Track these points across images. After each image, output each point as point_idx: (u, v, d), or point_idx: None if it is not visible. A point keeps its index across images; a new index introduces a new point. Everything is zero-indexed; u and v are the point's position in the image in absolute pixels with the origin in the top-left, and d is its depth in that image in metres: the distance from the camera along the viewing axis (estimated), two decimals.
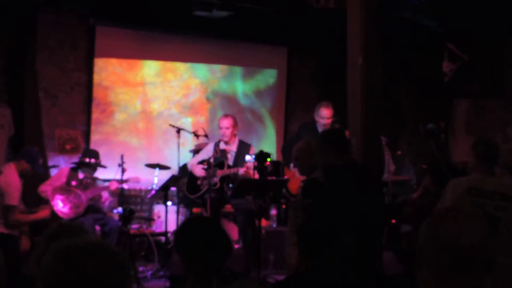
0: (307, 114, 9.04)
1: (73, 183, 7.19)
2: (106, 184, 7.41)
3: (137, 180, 7.47)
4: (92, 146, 8.74)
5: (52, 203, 6.90)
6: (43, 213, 6.56)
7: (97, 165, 7.37)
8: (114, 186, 7.23)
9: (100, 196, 7.31)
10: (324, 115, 7.04)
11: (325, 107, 7.08)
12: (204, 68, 9.85)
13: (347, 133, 6.95)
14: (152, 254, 7.53)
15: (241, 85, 10.10)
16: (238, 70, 10.10)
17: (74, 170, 7.36)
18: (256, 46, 10.05)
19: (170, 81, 9.61)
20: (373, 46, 5.04)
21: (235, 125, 7.27)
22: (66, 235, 2.73)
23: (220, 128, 7.23)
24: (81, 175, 7.33)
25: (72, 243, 1.72)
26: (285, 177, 7.00)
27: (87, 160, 7.30)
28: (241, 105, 10.04)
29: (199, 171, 7.12)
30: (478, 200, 3.97)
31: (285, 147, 7.60)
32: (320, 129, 7.14)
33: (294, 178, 6.81)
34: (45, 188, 7.08)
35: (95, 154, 7.39)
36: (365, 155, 4.82)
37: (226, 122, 7.20)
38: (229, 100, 9.97)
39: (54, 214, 6.80)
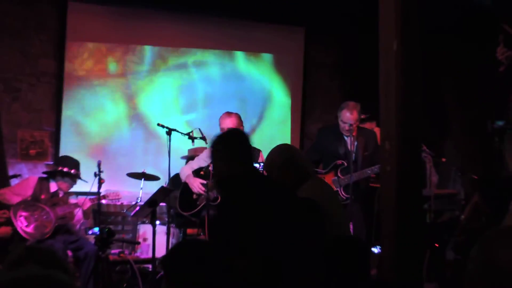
0: (329, 113, 9.07)
1: (42, 196, 7.20)
2: (79, 199, 7.41)
3: (117, 197, 7.48)
4: (63, 151, 8.77)
5: (14, 220, 6.91)
6: (1, 230, 6.59)
7: (78, 177, 7.38)
8: (87, 205, 7.24)
9: (72, 215, 7.31)
10: (346, 119, 7.05)
11: (348, 110, 7.07)
12: (202, 54, 9.88)
13: (377, 133, 6.97)
14: (136, 285, 7.54)
15: (247, 76, 10.12)
16: (244, 56, 10.13)
17: (44, 180, 7.38)
18: (266, 26, 10.06)
19: (159, 70, 9.65)
20: (411, 28, 5.04)
21: (240, 125, 7.27)
22: (33, 261, 2.73)
23: (222, 129, 7.23)
24: (53, 187, 7.34)
25: (15, 276, 1.73)
26: None
27: (66, 169, 7.30)
28: (247, 100, 10.07)
29: (197, 186, 7.12)
30: None
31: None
32: (344, 133, 7.15)
33: None
34: (3, 191, 7.10)
35: (75, 164, 7.40)
36: (401, 163, 4.82)
37: (229, 122, 7.20)
38: (233, 94, 9.99)
39: (16, 234, 6.82)
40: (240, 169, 3.93)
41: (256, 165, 6.42)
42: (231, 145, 4.03)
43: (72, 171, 7.30)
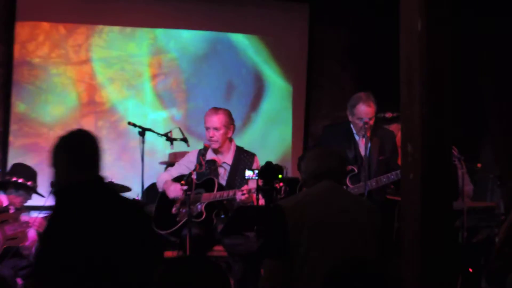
0: (338, 110, 9.03)
1: None
2: (31, 216, 7.38)
3: None
4: (12, 156, 8.76)
5: None
6: None
7: (35, 190, 7.35)
8: (41, 226, 7.22)
9: (24, 235, 7.27)
10: (362, 113, 7.03)
11: (364, 102, 7.06)
12: (184, 36, 9.86)
13: (395, 132, 6.95)
14: None
15: (240, 63, 10.10)
16: (235, 39, 10.11)
17: None
18: (262, 2, 10.07)
19: (131, 56, 9.63)
20: (439, 4, 5.04)
21: (229, 123, 7.25)
22: None
23: (207, 128, 7.22)
24: (3, 201, 7.31)
25: None
26: None
27: (21, 180, 7.28)
28: (239, 93, 10.05)
29: (173, 190, 7.11)
30: None
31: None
32: (357, 132, 7.14)
33: None
34: None
35: (32, 174, 7.37)
36: (427, 170, 4.81)
37: (216, 120, 7.18)
38: (222, 85, 9.98)
39: None
40: (80, 177, 3.98)
41: (250, 172, 6.40)
42: (72, 149, 4.09)
43: (29, 183, 7.28)
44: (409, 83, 5.00)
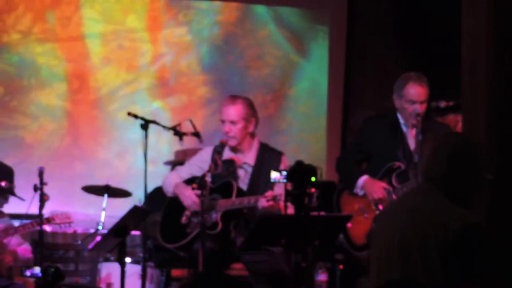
0: (383, 98, 9.03)
1: None
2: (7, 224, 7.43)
3: (67, 219, 7.48)
4: None
5: None
6: None
7: (11, 192, 7.38)
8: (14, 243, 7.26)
9: (3, 248, 7.31)
10: (414, 95, 6.97)
11: (415, 81, 7.01)
12: (196, 8, 9.86)
13: (459, 125, 6.88)
14: None
15: (263, 41, 10.10)
16: (259, 12, 10.11)
17: None
18: None
19: (130, 32, 9.63)
20: None
21: (250, 116, 7.22)
22: None
23: (223, 121, 7.21)
24: None
25: None
26: (344, 211, 6.98)
27: None
28: (262, 77, 10.05)
29: (188, 197, 7.10)
30: None
31: (345, 157, 7.58)
32: (405, 122, 7.09)
33: (362, 214, 6.79)
34: None
35: (8, 173, 7.41)
36: (497, 175, 4.78)
37: (233, 112, 7.16)
38: (243, 67, 9.99)
39: None
40: None
41: (276, 174, 6.39)
42: None
43: (3, 183, 7.32)
44: (472, 66, 4.98)
